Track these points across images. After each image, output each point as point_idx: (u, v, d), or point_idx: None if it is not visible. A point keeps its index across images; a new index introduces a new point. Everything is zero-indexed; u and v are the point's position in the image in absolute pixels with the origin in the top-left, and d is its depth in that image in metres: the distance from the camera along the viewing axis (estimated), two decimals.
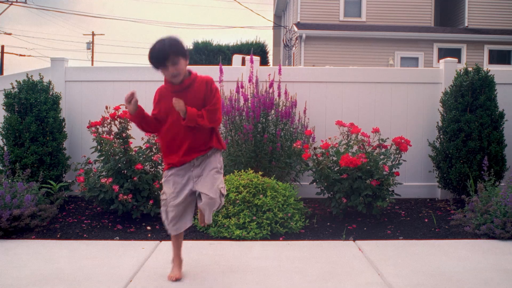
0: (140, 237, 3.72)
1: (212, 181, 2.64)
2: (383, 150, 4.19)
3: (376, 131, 4.32)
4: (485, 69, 4.61)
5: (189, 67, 2.72)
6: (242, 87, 4.66)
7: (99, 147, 4.20)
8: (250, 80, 4.65)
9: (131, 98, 2.60)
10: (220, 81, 4.68)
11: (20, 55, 30.21)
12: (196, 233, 3.81)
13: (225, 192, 2.74)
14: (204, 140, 2.68)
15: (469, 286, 2.68)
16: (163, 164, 3.17)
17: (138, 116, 2.66)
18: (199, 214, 2.88)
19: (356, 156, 3.98)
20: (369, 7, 16.13)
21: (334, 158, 4.17)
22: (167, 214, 2.71)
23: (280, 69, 4.77)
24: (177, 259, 2.84)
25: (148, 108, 2.81)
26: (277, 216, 3.77)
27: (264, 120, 4.55)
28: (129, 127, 4.25)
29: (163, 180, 2.76)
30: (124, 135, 4.18)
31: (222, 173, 2.75)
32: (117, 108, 4.23)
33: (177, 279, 2.75)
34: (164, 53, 2.50)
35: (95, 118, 4.56)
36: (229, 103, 4.60)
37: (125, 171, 4.09)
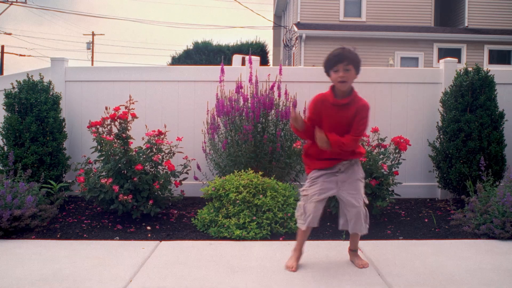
0: (140, 237, 3.72)
1: (357, 189, 2.90)
2: (382, 149, 4.19)
3: (375, 130, 4.32)
4: (485, 69, 4.61)
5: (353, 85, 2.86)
6: (241, 87, 4.66)
7: (99, 147, 4.20)
8: (250, 80, 4.65)
9: (297, 119, 2.80)
10: (221, 81, 4.68)
11: (20, 55, 30.22)
12: (196, 233, 3.82)
13: (366, 201, 2.96)
14: (351, 149, 2.87)
15: (469, 286, 2.68)
16: (304, 167, 3.22)
17: (304, 130, 2.86)
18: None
19: None
20: (369, 7, 16.13)
21: None
22: (305, 208, 2.91)
23: (280, 69, 4.78)
24: (298, 252, 3.01)
25: (148, 108, 2.80)
26: (277, 216, 3.77)
27: (264, 120, 4.55)
28: (129, 127, 4.25)
29: (308, 180, 2.97)
30: (124, 135, 4.18)
31: (363, 183, 2.98)
32: (116, 109, 4.23)
33: (293, 271, 2.91)
34: (340, 56, 2.71)
35: (95, 118, 4.57)
36: (228, 103, 4.60)
37: (125, 172, 4.09)
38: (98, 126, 4.25)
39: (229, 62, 14.33)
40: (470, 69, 4.64)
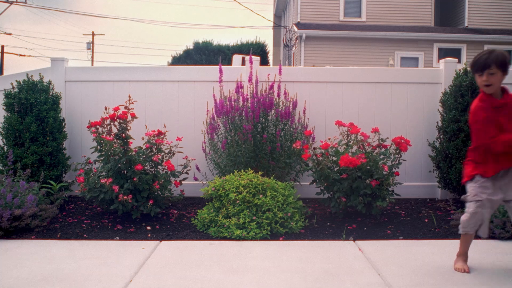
0: (140, 237, 3.72)
1: None
2: (383, 150, 4.19)
3: (375, 131, 4.32)
4: None
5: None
6: (241, 87, 4.66)
7: (99, 147, 4.20)
8: (249, 80, 4.65)
9: None
10: (220, 81, 4.68)
11: (20, 55, 30.22)
12: (196, 233, 3.82)
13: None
14: None
15: (469, 286, 2.68)
16: (471, 169, 3.00)
17: None
18: None
19: (355, 156, 3.98)
20: (369, 7, 16.13)
21: (334, 158, 4.17)
22: (482, 215, 2.84)
23: (280, 69, 4.78)
24: (466, 256, 2.99)
25: (148, 108, 2.80)
26: (277, 216, 3.77)
27: (263, 120, 4.56)
28: (128, 127, 4.25)
29: (476, 184, 2.85)
30: (123, 135, 4.18)
31: None
32: (116, 109, 4.23)
33: (466, 272, 2.89)
34: (486, 62, 2.76)
35: (95, 118, 4.57)
36: (228, 103, 4.60)
37: (125, 172, 4.09)
38: (98, 126, 4.24)
39: (229, 62, 14.34)
40: (469, 69, 4.64)
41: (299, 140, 4.54)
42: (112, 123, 4.24)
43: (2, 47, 28.34)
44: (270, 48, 20.92)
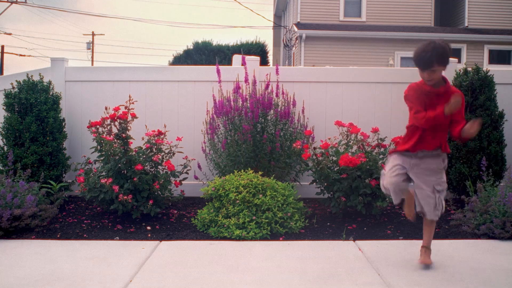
0: (140, 237, 3.72)
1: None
2: (382, 149, 4.19)
3: (375, 131, 4.32)
4: (484, 69, 4.61)
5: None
6: (239, 87, 4.66)
7: (99, 147, 4.20)
8: (246, 81, 4.64)
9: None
10: (219, 81, 4.68)
11: (20, 55, 30.25)
12: (196, 233, 3.82)
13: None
14: None
15: (469, 286, 2.68)
16: None
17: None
18: None
19: (355, 156, 3.99)
20: (369, 7, 16.13)
21: (334, 158, 4.17)
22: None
23: (277, 69, 4.76)
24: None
25: (148, 108, 2.80)
26: (277, 216, 3.77)
27: (263, 120, 4.56)
28: (128, 127, 4.25)
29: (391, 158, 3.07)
30: (124, 135, 4.18)
31: None
32: (116, 109, 4.23)
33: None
34: (429, 61, 2.78)
35: (95, 118, 4.57)
36: (228, 104, 4.60)
37: (125, 172, 4.09)
38: (98, 126, 4.25)
39: (229, 62, 14.34)
40: (469, 69, 4.64)
41: (299, 140, 4.54)
42: (112, 123, 4.24)
43: (2, 47, 28.35)
44: (270, 48, 20.92)
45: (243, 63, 4.69)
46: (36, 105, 4.56)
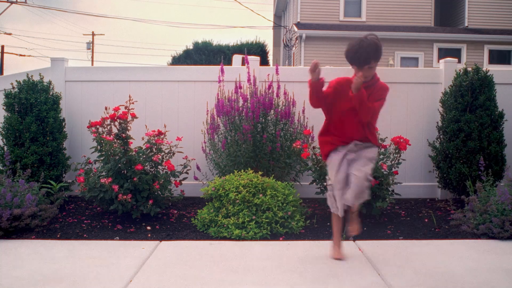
0: (140, 237, 3.72)
1: None
2: (382, 149, 4.19)
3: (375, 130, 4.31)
4: (484, 69, 4.61)
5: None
6: (240, 87, 4.66)
7: (99, 147, 4.20)
8: (248, 80, 4.65)
9: (315, 68, 2.86)
10: (220, 81, 4.68)
11: (20, 55, 30.25)
12: (196, 233, 3.82)
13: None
14: None
15: (469, 286, 2.68)
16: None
17: (318, 84, 2.92)
18: None
19: None
20: (369, 7, 16.13)
21: None
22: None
23: (277, 69, 4.76)
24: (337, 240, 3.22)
25: (148, 108, 2.80)
26: (277, 215, 3.77)
27: (263, 120, 4.56)
28: (128, 127, 4.25)
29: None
30: (124, 135, 4.18)
31: None
32: (116, 109, 4.23)
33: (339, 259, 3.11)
34: (368, 58, 2.85)
35: (95, 118, 4.57)
36: (228, 103, 4.60)
37: (125, 171, 4.09)
38: (98, 126, 4.25)
39: (229, 62, 14.33)
40: (469, 69, 4.65)
41: (299, 140, 4.54)
42: (112, 123, 4.24)
43: (2, 47, 28.34)
44: (270, 48, 20.92)
45: (246, 62, 4.69)
46: (36, 105, 4.56)
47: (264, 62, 17.27)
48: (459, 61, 14.32)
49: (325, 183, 4.14)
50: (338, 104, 3.03)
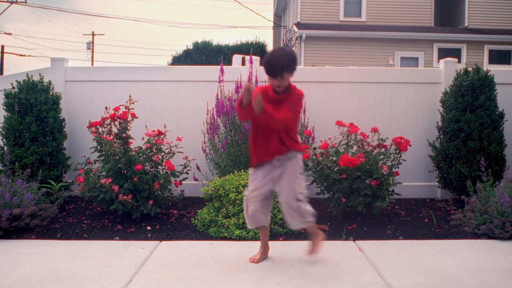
0: (140, 237, 3.72)
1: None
2: (383, 150, 4.19)
3: (374, 130, 4.32)
4: (485, 69, 4.61)
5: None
6: (241, 87, 4.66)
7: (99, 147, 4.20)
8: (249, 80, 4.65)
9: (248, 91, 2.77)
10: (220, 81, 4.68)
11: (20, 55, 30.21)
12: (196, 233, 3.82)
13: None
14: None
15: (469, 286, 2.68)
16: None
17: (248, 108, 2.80)
18: None
19: (355, 156, 3.98)
20: (369, 7, 16.13)
21: (334, 158, 4.17)
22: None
23: None
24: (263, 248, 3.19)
25: (148, 108, 2.80)
26: (277, 217, 3.77)
27: None
28: (128, 127, 4.25)
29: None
30: (124, 135, 4.18)
31: None
32: (116, 109, 4.23)
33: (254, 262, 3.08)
34: (280, 69, 2.80)
35: (95, 118, 4.57)
36: (228, 103, 4.60)
37: (125, 171, 4.09)
38: (98, 126, 4.24)
39: (229, 62, 14.32)
40: (470, 69, 4.64)
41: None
42: (112, 123, 4.24)
43: (2, 47, 28.33)
44: (270, 48, 20.88)
45: (250, 62, 4.69)
46: (36, 105, 4.56)
47: None
48: (459, 61, 14.33)
49: (325, 184, 4.15)
50: (258, 116, 2.84)
